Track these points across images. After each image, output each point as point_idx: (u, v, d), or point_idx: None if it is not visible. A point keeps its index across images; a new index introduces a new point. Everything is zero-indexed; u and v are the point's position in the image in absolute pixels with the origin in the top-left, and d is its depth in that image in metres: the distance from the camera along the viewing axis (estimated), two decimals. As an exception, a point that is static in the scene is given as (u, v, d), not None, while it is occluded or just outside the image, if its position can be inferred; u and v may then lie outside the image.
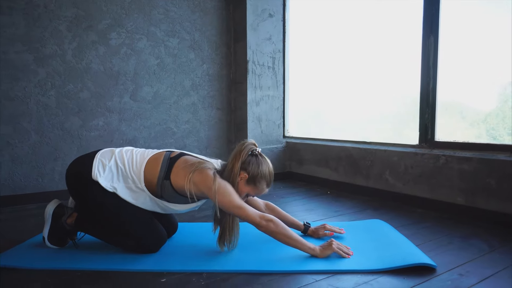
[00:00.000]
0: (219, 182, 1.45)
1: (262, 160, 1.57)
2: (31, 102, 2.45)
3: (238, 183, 1.53)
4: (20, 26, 2.39)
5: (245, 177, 1.53)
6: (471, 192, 2.01)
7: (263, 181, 1.55)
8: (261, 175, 1.54)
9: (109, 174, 1.50)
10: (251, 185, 1.54)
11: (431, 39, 2.25)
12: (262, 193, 1.59)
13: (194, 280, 1.30)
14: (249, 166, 1.53)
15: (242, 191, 1.55)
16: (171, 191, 1.50)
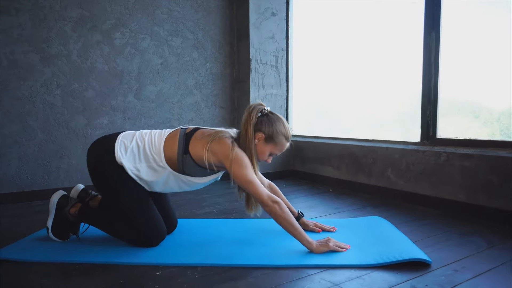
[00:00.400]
0: (236, 151, 1.47)
1: (273, 117, 1.58)
2: (37, 101, 2.51)
3: (256, 146, 1.55)
4: (27, 27, 2.45)
5: (262, 137, 1.55)
6: (472, 189, 1.99)
7: (281, 136, 1.56)
8: (277, 131, 1.55)
9: (131, 155, 1.53)
10: (271, 143, 1.56)
11: (432, 35, 2.23)
12: (284, 149, 1.61)
13: (189, 273, 1.31)
14: (263, 126, 1.54)
15: (263, 152, 1.57)
16: (192, 164, 1.53)
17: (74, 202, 1.67)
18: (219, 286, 1.22)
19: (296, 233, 1.46)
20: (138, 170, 1.53)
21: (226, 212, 2.18)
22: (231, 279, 1.26)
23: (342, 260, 1.38)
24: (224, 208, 2.27)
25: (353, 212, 2.16)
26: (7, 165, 2.44)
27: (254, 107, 1.56)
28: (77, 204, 1.67)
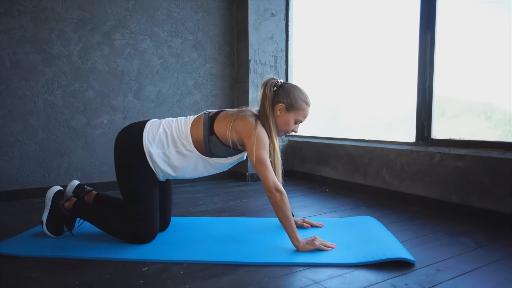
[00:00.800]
0: (258, 130, 1.50)
1: (288, 86, 1.62)
2: (38, 101, 2.57)
3: (279, 118, 1.58)
4: (29, 28, 2.51)
5: (282, 108, 1.58)
6: (465, 190, 1.98)
7: (300, 102, 1.60)
8: (295, 98, 1.59)
9: (159, 142, 1.57)
10: (293, 111, 1.59)
11: (427, 35, 2.23)
12: (307, 114, 1.64)
13: (174, 270, 1.34)
14: (281, 97, 1.58)
15: (288, 121, 1.60)
16: (218, 144, 1.57)
17: (69, 196, 1.70)
18: (202, 282, 1.24)
19: (289, 227, 1.48)
20: (167, 156, 1.58)
21: (220, 210, 2.21)
22: (214, 276, 1.29)
23: (326, 259, 1.40)
24: (218, 207, 2.30)
25: (347, 211, 2.17)
26: (9, 163, 2.50)
27: (267, 82, 1.59)
28: (72, 199, 1.70)
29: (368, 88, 2.88)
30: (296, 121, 1.63)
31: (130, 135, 1.62)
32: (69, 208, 1.67)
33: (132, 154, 1.58)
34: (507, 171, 1.80)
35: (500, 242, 1.61)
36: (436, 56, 2.22)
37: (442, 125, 2.26)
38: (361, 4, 2.84)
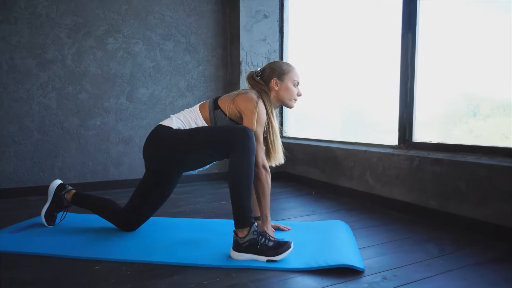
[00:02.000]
0: (260, 106, 1.60)
1: (267, 65, 1.75)
2: (33, 103, 2.70)
3: (279, 90, 1.70)
4: (25, 34, 2.64)
5: (276, 80, 1.70)
6: (442, 195, 1.92)
7: (285, 66, 1.72)
8: (280, 67, 1.72)
9: (178, 123, 1.66)
10: (286, 77, 1.70)
11: (409, 35, 2.17)
12: (298, 73, 1.74)
13: (123, 269, 1.38)
14: (269, 75, 1.71)
15: (288, 88, 1.71)
16: (223, 117, 1.66)
17: (69, 189, 1.92)
18: (143, 282, 1.27)
19: (265, 204, 1.62)
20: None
21: (196, 212, 2.24)
22: (158, 276, 1.31)
23: (274, 263, 1.39)
24: (197, 208, 2.33)
25: (325, 215, 2.14)
26: (6, 162, 2.64)
27: (250, 75, 1.74)
28: (72, 191, 1.91)
29: (365, 89, 2.80)
30: (294, 84, 1.73)
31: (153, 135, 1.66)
32: (69, 198, 1.88)
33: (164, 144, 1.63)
34: (482, 176, 1.72)
35: (466, 250, 1.55)
36: (418, 57, 2.15)
37: (474, 126, 2.06)
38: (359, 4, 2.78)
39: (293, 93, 1.73)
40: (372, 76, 2.66)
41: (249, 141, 1.47)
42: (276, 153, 1.72)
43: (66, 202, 1.91)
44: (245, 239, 1.44)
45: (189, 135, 1.58)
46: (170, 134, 1.60)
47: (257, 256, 1.44)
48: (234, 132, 1.49)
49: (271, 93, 1.71)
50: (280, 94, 1.71)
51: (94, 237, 1.71)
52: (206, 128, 1.61)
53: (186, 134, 1.59)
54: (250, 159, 1.47)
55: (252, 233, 1.45)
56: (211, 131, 1.57)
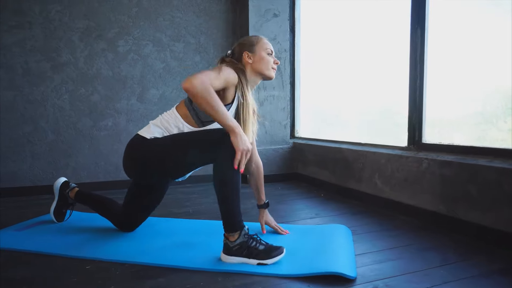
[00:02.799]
0: (226, 67, 1.48)
1: (235, 44, 1.69)
2: (48, 105, 2.79)
3: (254, 63, 1.62)
4: (39, 39, 2.73)
5: (247, 53, 1.63)
6: (452, 200, 1.81)
7: (252, 38, 1.66)
8: (247, 40, 1.66)
9: (156, 131, 1.56)
10: (256, 47, 1.63)
11: (418, 32, 2.06)
12: (269, 43, 1.67)
13: (113, 270, 1.39)
14: (240, 50, 1.64)
15: (262, 58, 1.62)
16: None
17: (72, 187, 1.97)
18: (128, 283, 1.27)
19: (220, 116, 1.35)
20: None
21: (200, 212, 2.23)
22: (144, 278, 1.31)
23: (262, 268, 1.36)
24: (202, 209, 2.32)
25: (329, 218, 2.08)
26: (22, 162, 2.75)
27: (222, 58, 1.68)
28: (75, 189, 1.95)
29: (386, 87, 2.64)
30: (267, 53, 1.65)
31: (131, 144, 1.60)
32: (72, 196, 1.92)
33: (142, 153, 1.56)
34: (492, 180, 1.61)
35: (471, 259, 1.45)
36: (427, 54, 2.04)
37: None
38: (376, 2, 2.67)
39: (269, 62, 1.64)
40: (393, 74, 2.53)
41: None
42: (247, 130, 1.58)
43: (70, 199, 1.96)
44: (236, 243, 1.41)
45: (167, 146, 1.50)
46: (144, 148, 1.54)
47: (247, 259, 1.41)
48: (215, 136, 1.42)
49: (247, 68, 1.62)
50: (255, 66, 1.62)
51: (92, 237, 1.74)
52: (186, 135, 1.52)
53: (163, 146, 1.51)
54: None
55: (243, 236, 1.42)
56: (191, 138, 1.49)
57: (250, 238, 1.43)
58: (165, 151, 1.51)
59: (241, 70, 1.59)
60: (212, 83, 1.37)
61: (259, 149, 3.18)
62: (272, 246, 1.43)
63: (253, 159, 1.80)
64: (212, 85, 1.37)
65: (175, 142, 1.51)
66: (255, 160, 1.81)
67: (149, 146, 1.54)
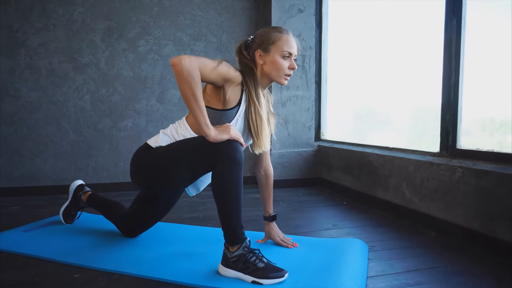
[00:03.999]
0: (225, 63, 1.36)
1: (258, 31, 1.48)
2: (70, 105, 2.82)
3: (265, 65, 1.43)
4: (62, 40, 2.77)
5: (260, 52, 1.43)
6: (489, 216, 1.55)
7: (272, 33, 1.42)
8: (265, 34, 1.43)
9: (164, 139, 1.47)
10: (271, 48, 1.41)
11: (453, 21, 1.81)
12: (292, 42, 1.44)
13: (101, 280, 1.31)
14: (254, 46, 1.45)
15: (275, 61, 1.41)
16: (211, 112, 1.38)
17: (86, 190, 1.94)
18: (110, 298, 1.18)
19: (197, 109, 1.25)
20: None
21: (210, 218, 2.12)
22: (128, 292, 1.22)
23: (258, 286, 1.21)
24: (212, 215, 2.21)
25: (348, 230, 1.89)
26: (45, 161, 2.80)
27: (239, 44, 1.50)
28: (87, 192, 1.93)
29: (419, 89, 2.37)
30: (283, 56, 1.42)
31: (137, 152, 1.52)
32: (85, 200, 1.90)
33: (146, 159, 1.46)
34: (540, 196, 1.35)
35: (510, 292, 1.21)
36: (465, 47, 1.79)
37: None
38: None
39: (282, 68, 1.41)
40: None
41: (236, 152, 1.30)
42: (260, 139, 1.42)
43: (82, 203, 1.94)
44: (234, 254, 1.29)
45: (167, 155, 1.40)
46: (147, 156, 1.45)
47: (243, 274, 1.27)
48: (218, 144, 1.29)
49: (257, 69, 1.44)
50: (266, 69, 1.42)
51: (92, 242, 1.68)
52: (183, 144, 1.39)
53: (162, 155, 1.41)
54: (238, 171, 1.30)
55: (243, 248, 1.29)
56: (188, 147, 1.37)
57: (251, 252, 1.30)
58: (164, 160, 1.41)
59: (251, 70, 1.44)
60: (203, 71, 1.26)
61: (281, 152, 3.03)
62: (274, 266, 1.28)
63: (262, 165, 1.65)
64: (202, 72, 1.25)
65: (173, 151, 1.41)
66: (264, 166, 1.65)
67: (152, 155, 1.45)
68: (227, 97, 1.37)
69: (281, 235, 1.65)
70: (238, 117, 1.41)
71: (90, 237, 1.76)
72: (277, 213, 2.21)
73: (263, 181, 1.66)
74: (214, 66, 1.30)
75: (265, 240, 1.67)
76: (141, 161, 1.47)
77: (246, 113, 1.44)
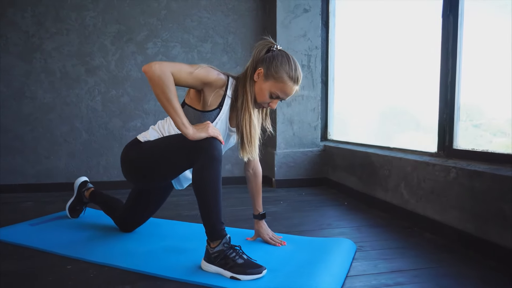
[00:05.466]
0: (211, 69, 1.39)
1: (280, 53, 1.41)
2: (82, 106, 2.95)
3: (256, 84, 1.42)
4: (75, 44, 2.90)
5: (261, 72, 1.40)
6: (482, 218, 1.51)
7: (282, 72, 1.37)
8: (278, 66, 1.37)
9: (152, 134, 1.55)
10: (270, 80, 1.39)
11: (450, 18, 1.77)
12: (288, 91, 1.40)
13: (90, 271, 1.38)
14: (264, 62, 1.40)
15: (262, 90, 1.41)
16: (192, 111, 1.45)
17: (89, 187, 2.04)
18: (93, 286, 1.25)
19: (172, 111, 1.29)
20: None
21: (207, 216, 2.16)
22: (111, 283, 1.28)
23: (234, 283, 1.24)
24: (212, 212, 2.25)
25: (342, 230, 1.88)
26: (59, 160, 2.94)
27: (260, 44, 1.45)
28: (90, 189, 2.02)
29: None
30: (272, 94, 1.41)
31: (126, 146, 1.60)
32: (87, 196, 2.00)
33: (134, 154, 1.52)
34: (530, 197, 1.30)
35: (492, 295, 1.18)
36: (462, 45, 1.74)
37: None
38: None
39: (263, 99, 1.43)
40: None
41: (214, 149, 1.33)
42: (251, 147, 1.45)
43: (85, 198, 2.03)
44: (214, 250, 1.33)
45: (151, 151, 1.46)
46: (134, 150, 1.52)
47: (222, 270, 1.31)
48: (196, 142, 1.33)
49: (249, 77, 1.44)
50: (255, 87, 1.43)
51: (91, 236, 1.76)
52: (166, 140, 1.45)
53: (148, 150, 1.47)
54: (216, 167, 1.33)
55: (223, 244, 1.32)
56: (170, 142, 1.42)
57: (230, 248, 1.33)
58: (148, 155, 1.47)
59: (244, 80, 1.43)
60: (179, 75, 1.31)
61: (286, 152, 3.04)
62: (253, 263, 1.31)
63: (250, 164, 1.68)
64: (177, 76, 1.30)
65: (156, 146, 1.47)
66: (253, 165, 1.68)
67: (139, 149, 1.52)
68: (207, 99, 1.41)
69: (270, 233, 1.67)
70: (218, 120, 1.45)
71: (90, 231, 1.84)
72: (275, 212, 2.24)
73: (251, 179, 1.68)
74: (191, 70, 1.34)
75: (254, 238, 1.69)
76: (129, 154, 1.55)
77: (232, 118, 1.48)
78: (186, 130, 1.31)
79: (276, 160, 3.00)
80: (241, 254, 1.33)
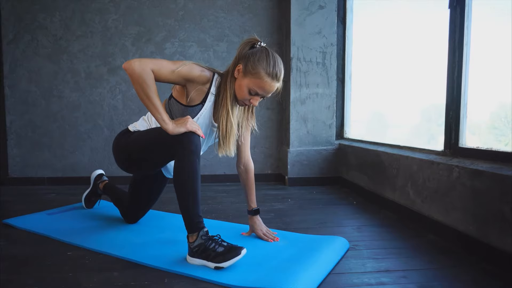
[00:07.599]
0: (195, 66, 1.44)
1: (262, 49, 1.40)
2: (104, 105, 3.11)
3: (236, 81, 1.42)
4: (98, 46, 3.06)
5: (240, 69, 1.40)
6: (484, 220, 1.43)
7: (260, 69, 1.36)
8: (256, 62, 1.36)
9: (141, 125, 1.64)
10: (248, 76, 1.38)
11: (457, 10, 1.69)
12: (267, 88, 1.39)
13: (86, 258, 1.46)
14: (245, 58, 1.39)
15: (241, 87, 1.41)
16: (176, 104, 1.51)
17: (104, 180, 2.16)
18: (84, 272, 1.32)
19: (152, 107, 1.35)
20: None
21: (211, 212, 2.21)
22: (101, 269, 1.35)
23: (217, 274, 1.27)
24: (217, 208, 2.30)
25: (339, 228, 1.85)
26: (83, 155, 3.12)
27: (245, 40, 1.45)
28: (104, 181, 2.15)
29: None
30: (251, 91, 1.40)
31: (117, 135, 1.70)
32: (101, 188, 2.12)
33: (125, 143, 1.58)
34: (529, 198, 1.21)
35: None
36: (470, 38, 1.66)
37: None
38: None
39: (243, 96, 1.42)
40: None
41: (191, 143, 1.36)
42: (226, 144, 1.47)
43: (100, 190, 2.15)
44: (195, 244, 1.36)
45: (138, 141, 1.52)
46: (123, 140, 1.60)
47: (206, 262, 1.34)
48: (176, 136, 1.37)
49: (230, 73, 1.45)
50: (235, 83, 1.43)
51: (96, 226, 1.87)
52: (153, 132, 1.50)
53: (133, 141, 1.54)
54: (192, 161, 1.36)
55: (201, 237, 1.36)
56: (154, 135, 1.47)
57: (209, 240, 1.35)
58: (133, 145, 1.55)
59: (226, 75, 1.46)
60: (160, 72, 1.37)
61: (299, 150, 3.02)
62: (232, 246, 1.33)
63: (242, 160, 1.69)
64: (158, 73, 1.36)
65: (142, 137, 1.53)
66: (244, 161, 1.70)
67: (128, 138, 1.59)
68: (190, 95, 1.45)
69: (264, 228, 1.67)
70: (200, 115, 1.49)
71: (98, 221, 1.95)
72: (280, 209, 2.24)
73: (243, 175, 1.70)
74: (173, 68, 1.38)
75: (249, 233, 1.71)
76: (119, 143, 1.63)
77: (215, 114, 1.50)
78: (166, 125, 1.36)
79: (289, 158, 2.99)
80: (221, 242, 1.35)
